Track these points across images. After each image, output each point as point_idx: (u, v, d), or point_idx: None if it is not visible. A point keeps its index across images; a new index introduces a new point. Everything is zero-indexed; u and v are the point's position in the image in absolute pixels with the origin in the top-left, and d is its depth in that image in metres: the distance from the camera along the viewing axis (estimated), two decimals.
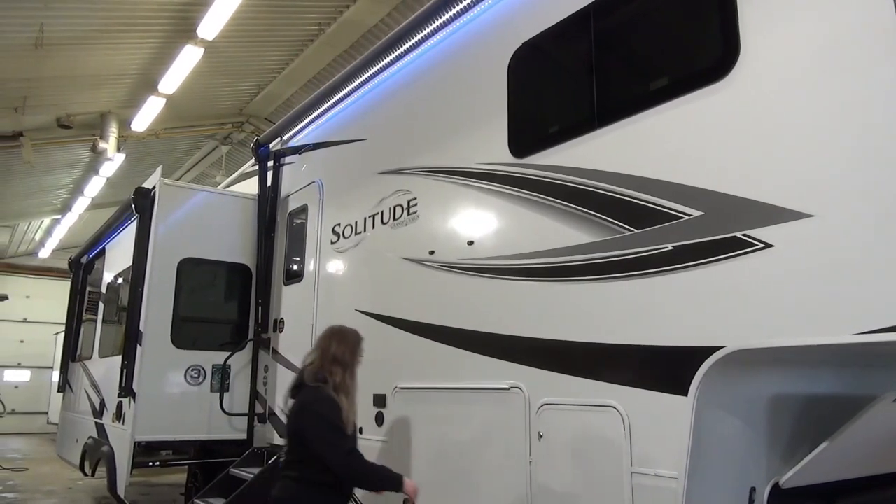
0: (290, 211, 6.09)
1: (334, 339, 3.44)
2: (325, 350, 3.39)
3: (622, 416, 2.87)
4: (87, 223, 16.09)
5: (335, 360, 3.34)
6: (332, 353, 3.36)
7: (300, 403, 3.31)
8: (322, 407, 3.21)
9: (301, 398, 3.33)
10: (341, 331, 3.52)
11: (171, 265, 6.00)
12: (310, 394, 3.29)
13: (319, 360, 3.36)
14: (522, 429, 3.34)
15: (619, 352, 2.95)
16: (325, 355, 3.37)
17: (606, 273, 3.05)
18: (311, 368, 3.37)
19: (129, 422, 5.66)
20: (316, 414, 3.20)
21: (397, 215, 4.57)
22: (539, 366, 3.33)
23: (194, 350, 6.00)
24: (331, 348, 3.38)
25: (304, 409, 3.25)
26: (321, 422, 3.17)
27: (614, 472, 2.87)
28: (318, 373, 3.31)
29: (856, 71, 2.34)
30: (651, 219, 2.88)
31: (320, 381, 3.28)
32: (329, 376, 3.29)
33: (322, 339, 3.49)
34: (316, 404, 3.22)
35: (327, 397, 3.24)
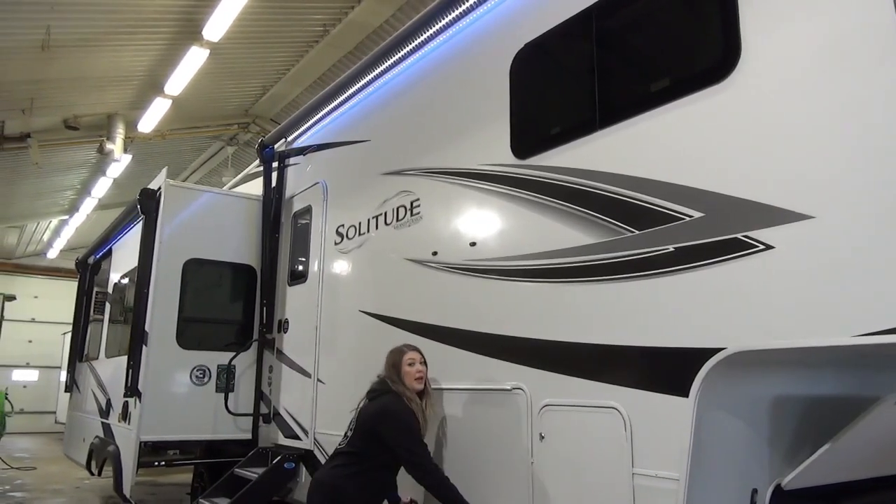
0: (294, 212, 6.10)
1: (386, 360, 3.86)
2: (385, 369, 3.83)
3: (623, 417, 2.87)
4: (94, 224, 16.18)
5: (391, 379, 3.74)
6: (388, 374, 3.78)
7: (383, 406, 3.61)
8: (402, 414, 3.56)
9: (382, 402, 3.64)
10: (390, 352, 3.87)
11: (176, 266, 6.03)
12: (389, 399, 3.64)
13: (388, 375, 3.79)
14: (524, 430, 3.35)
15: (620, 353, 2.95)
16: (386, 372, 3.82)
17: (608, 274, 3.05)
18: (386, 378, 3.79)
19: (134, 422, 5.69)
20: (397, 417, 3.54)
21: (400, 216, 4.58)
22: (541, 367, 3.34)
23: (199, 350, 6.01)
24: (385, 368, 3.82)
25: (386, 412, 3.57)
26: (403, 426, 3.51)
27: (615, 473, 2.87)
28: (392, 385, 3.70)
29: (856, 72, 2.34)
30: (652, 220, 2.88)
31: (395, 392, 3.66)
32: (398, 389, 3.67)
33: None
34: (394, 408, 3.58)
35: (405, 406, 3.60)
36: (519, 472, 3.34)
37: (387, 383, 3.73)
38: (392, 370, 3.77)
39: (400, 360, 3.77)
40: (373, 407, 3.68)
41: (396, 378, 3.72)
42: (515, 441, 3.40)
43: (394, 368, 3.76)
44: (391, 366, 3.79)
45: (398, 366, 3.76)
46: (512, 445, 3.41)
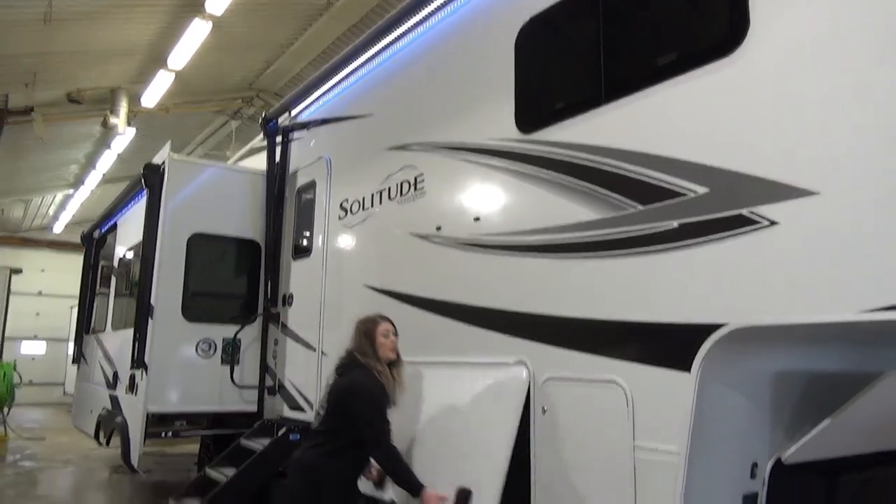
0: (298, 186, 6.09)
1: (355, 330, 3.72)
2: (353, 338, 3.69)
3: (625, 391, 2.89)
4: (99, 198, 16.20)
5: (361, 352, 3.61)
6: (358, 344, 3.65)
7: (350, 381, 3.53)
8: (368, 389, 3.46)
9: (348, 377, 3.56)
10: (359, 322, 3.75)
11: (181, 240, 6.04)
12: (358, 375, 3.53)
13: (356, 348, 3.65)
14: (527, 403, 3.37)
15: (623, 328, 2.96)
16: (354, 344, 3.67)
17: (612, 249, 3.04)
18: (354, 351, 3.64)
19: (141, 393, 5.75)
20: (368, 395, 3.44)
21: (404, 191, 4.57)
22: (544, 341, 3.35)
23: (205, 324, 6.06)
24: (354, 336, 3.69)
25: (350, 388, 3.48)
26: (371, 404, 3.42)
27: (617, 446, 2.90)
28: (361, 357, 3.59)
29: (865, 47, 2.31)
30: (657, 195, 2.87)
31: (364, 365, 3.55)
32: (367, 362, 3.56)
33: (353, 329, 3.77)
34: (363, 385, 3.47)
35: (375, 381, 3.51)
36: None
37: (355, 357, 3.61)
38: (364, 341, 3.63)
39: (374, 331, 3.65)
40: (342, 383, 3.58)
41: (369, 350, 3.60)
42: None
43: (367, 339, 3.63)
44: (363, 336, 3.65)
45: (372, 336, 3.63)
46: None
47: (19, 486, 8.38)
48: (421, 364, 4.21)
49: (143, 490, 8.04)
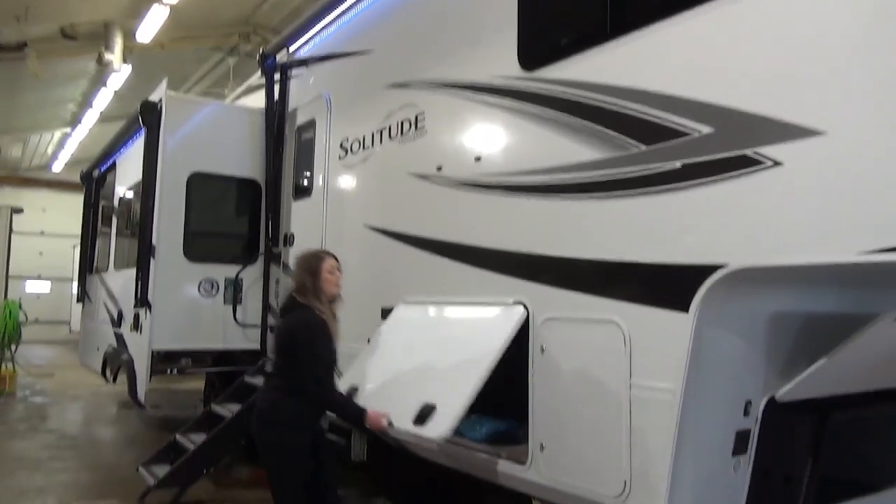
0: (298, 125, 6.02)
1: (297, 267, 3.65)
2: (295, 277, 3.63)
3: (623, 330, 2.92)
4: (97, 137, 15.99)
5: (304, 288, 3.53)
6: (300, 282, 3.57)
7: (289, 322, 3.52)
8: (308, 330, 3.42)
9: (290, 318, 3.54)
10: (302, 258, 3.68)
11: (180, 179, 6.02)
12: (298, 315, 3.50)
13: (294, 286, 3.60)
14: (525, 342, 3.41)
15: (623, 268, 2.96)
16: (296, 283, 3.60)
17: (614, 190, 3.02)
18: (294, 292, 3.59)
19: (146, 332, 5.83)
20: (302, 336, 3.41)
21: (405, 130, 4.51)
22: (543, 282, 3.36)
23: (207, 263, 6.10)
24: (296, 275, 3.61)
25: (292, 329, 3.47)
26: (305, 345, 3.39)
27: (613, 384, 2.94)
28: (300, 297, 3.53)
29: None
30: (661, 135, 2.83)
31: (304, 305, 3.50)
32: (308, 301, 3.50)
33: (294, 266, 3.71)
34: (303, 326, 3.45)
35: (315, 322, 3.46)
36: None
37: (294, 298, 3.56)
38: (308, 277, 3.54)
39: (319, 268, 3.56)
40: (284, 324, 3.57)
41: (311, 286, 3.51)
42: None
43: (311, 276, 3.53)
44: (307, 272, 3.55)
45: (317, 273, 3.54)
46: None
47: (30, 420, 8.61)
48: (418, 303, 4.25)
49: (150, 424, 8.26)
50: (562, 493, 3.20)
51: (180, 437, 5.30)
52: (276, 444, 3.43)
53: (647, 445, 2.81)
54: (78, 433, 8.01)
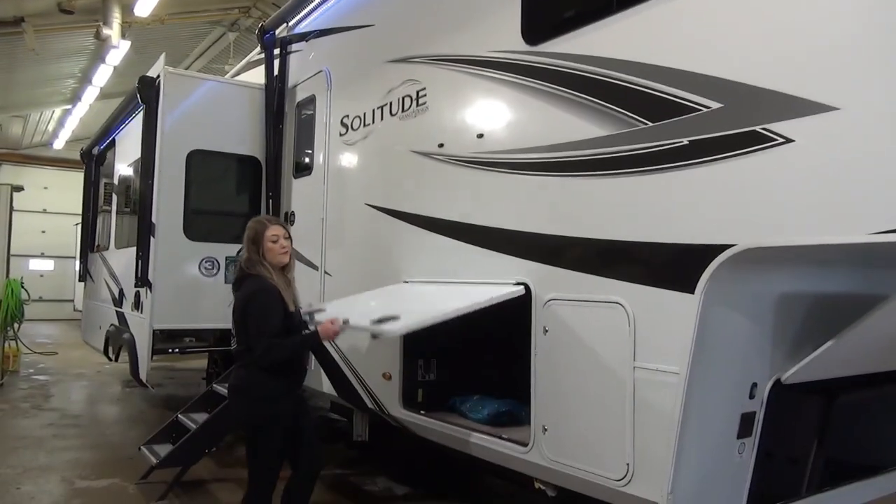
0: (298, 101, 5.92)
1: (244, 236, 3.60)
2: (244, 248, 3.58)
3: (627, 312, 2.86)
4: (98, 114, 15.90)
5: (250, 259, 3.51)
6: (243, 249, 3.58)
7: (242, 295, 3.49)
8: (256, 297, 3.38)
9: (243, 290, 3.49)
10: (247, 227, 3.63)
11: (179, 157, 5.94)
12: (247, 285, 3.46)
13: (244, 257, 3.57)
14: (528, 323, 3.37)
15: (628, 249, 2.90)
16: (244, 254, 3.57)
17: (619, 168, 2.95)
18: (241, 263, 3.59)
19: (147, 311, 5.80)
20: (251, 306, 3.38)
21: (406, 107, 4.42)
22: (547, 262, 3.31)
23: (207, 242, 6.05)
24: (243, 244, 3.59)
25: (243, 301, 3.44)
26: (254, 315, 3.37)
27: (617, 366, 2.90)
28: (250, 267, 3.50)
29: None
30: (668, 111, 2.74)
31: (253, 274, 3.47)
32: (256, 271, 3.46)
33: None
34: (251, 295, 3.40)
35: (263, 288, 3.41)
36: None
37: (243, 269, 3.51)
38: (251, 247, 3.48)
39: (261, 237, 3.48)
40: (237, 298, 3.51)
41: (256, 256, 3.47)
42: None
43: (253, 245, 3.48)
44: (250, 241, 3.50)
45: (259, 242, 3.47)
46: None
47: (34, 398, 8.64)
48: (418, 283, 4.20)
49: (153, 403, 8.29)
50: (564, 476, 3.17)
51: (182, 417, 5.30)
52: (251, 418, 3.43)
53: (651, 428, 2.77)
54: (81, 412, 8.03)
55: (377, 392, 4.56)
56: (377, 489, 5.34)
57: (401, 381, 4.34)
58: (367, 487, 5.37)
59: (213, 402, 5.30)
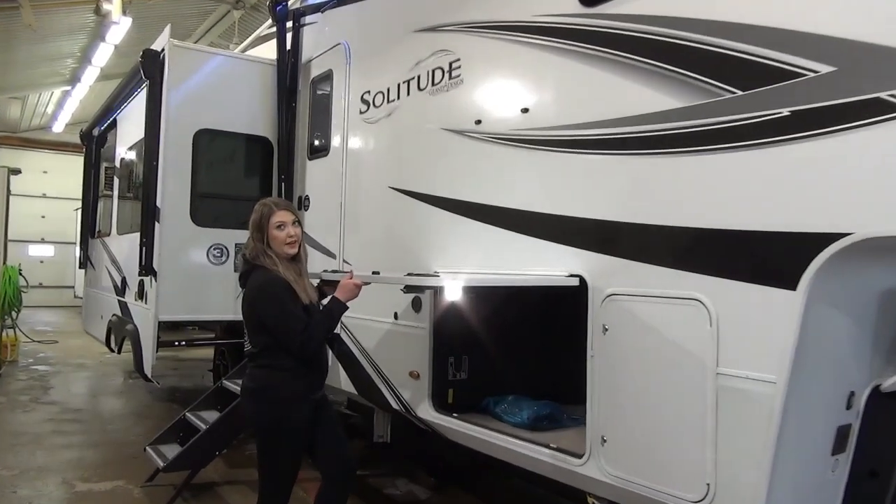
0: (313, 77, 5.53)
1: (250, 221, 3.21)
2: (249, 237, 3.21)
3: (709, 310, 2.49)
4: (98, 96, 15.45)
5: (255, 248, 3.14)
6: (249, 242, 3.19)
7: (249, 290, 3.10)
8: (264, 292, 3.02)
9: (250, 284, 3.11)
10: (253, 210, 3.24)
11: (186, 137, 5.57)
12: (257, 278, 3.08)
13: (250, 246, 3.19)
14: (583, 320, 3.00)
15: (709, 237, 2.52)
16: (249, 243, 3.20)
17: (700, 144, 2.56)
18: (246, 252, 3.20)
19: (151, 301, 5.44)
20: (261, 304, 3.04)
21: (436, 80, 4.02)
22: (606, 252, 2.93)
23: (215, 228, 5.69)
24: (248, 236, 3.20)
25: (250, 297, 3.08)
26: (271, 314, 3.01)
27: (694, 372, 2.53)
28: (255, 257, 3.12)
29: None
30: (762, 78, 2.36)
31: (261, 265, 3.09)
32: (262, 262, 3.09)
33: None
34: (259, 290, 3.04)
35: (271, 280, 3.03)
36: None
37: (248, 261, 3.13)
38: (255, 234, 3.11)
39: (266, 223, 3.10)
40: (245, 295, 3.13)
41: (260, 245, 3.09)
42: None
43: (258, 231, 3.10)
44: (254, 227, 3.12)
45: (263, 229, 3.09)
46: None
47: (32, 390, 8.30)
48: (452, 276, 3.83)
49: (158, 396, 7.95)
50: (626, 493, 2.81)
51: (190, 415, 4.95)
52: (267, 422, 3.09)
53: (736, 444, 2.41)
54: (82, 405, 7.68)
55: (403, 392, 4.20)
56: (398, 493, 5.00)
57: (430, 380, 3.98)
58: (387, 490, 5.03)
59: (224, 400, 4.95)
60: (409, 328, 4.14)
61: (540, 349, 4.30)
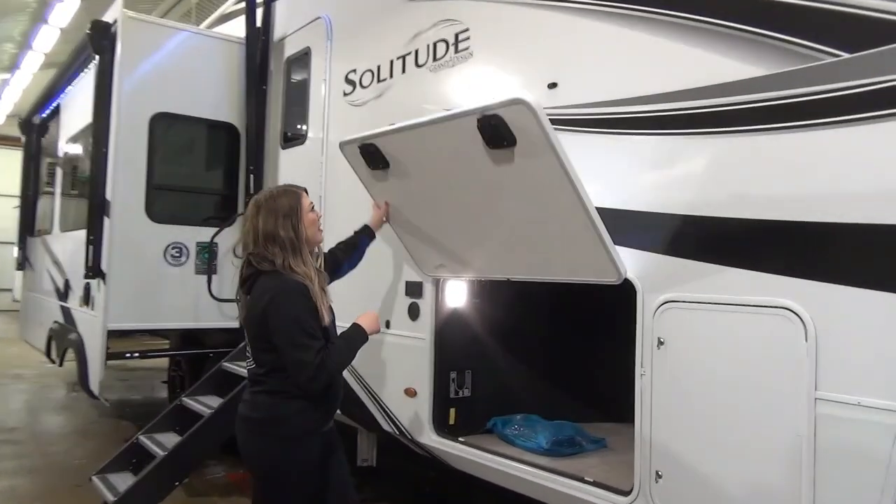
0: (287, 57, 4.96)
1: (261, 211, 2.52)
2: (254, 229, 2.50)
3: (804, 321, 2.03)
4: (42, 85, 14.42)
5: (270, 239, 2.46)
6: (262, 231, 2.48)
7: (260, 294, 2.42)
8: (290, 300, 2.37)
9: (261, 288, 2.43)
10: (268, 197, 2.56)
11: (141, 121, 4.92)
12: (273, 282, 2.42)
13: (253, 244, 2.50)
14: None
15: (804, 232, 2.06)
16: (256, 236, 2.49)
17: (786, 120, 2.11)
18: (254, 254, 2.48)
19: (99, 308, 4.78)
20: (284, 310, 2.36)
21: (439, 54, 3.51)
22: (661, 250, 2.46)
23: (174, 225, 5.06)
24: (259, 225, 2.49)
25: (267, 304, 2.38)
26: (287, 321, 2.36)
27: (784, 396, 2.07)
28: (263, 257, 2.45)
29: None
30: (876, 35, 1.91)
31: (272, 268, 2.43)
32: (273, 259, 2.43)
33: (248, 214, 2.58)
34: (286, 296, 2.38)
35: (295, 287, 2.40)
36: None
37: (263, 260, 2.45)
38: (285, 223, 2.46)
39: (298, 206, 2.50)
40: (253, 301, 2.46)
41: (293, 237, 2.45)
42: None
43: (288, 220, 2.46)
44: (284, 217, 2.47)
45: (296, 215, 2.47)
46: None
47: None
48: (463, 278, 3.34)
49: (105, 411, 7.17)
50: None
51: (144, 439, 4.29)
52: (279, 462, 2.45)
53: (847, 485, 1.95)
54: (17, 423, 6.85)
55: (397, 412, 3.67)
56: None
57: (431, 398, 3.46)
58: None
59: (183, 421, 4.32)
60: (405, 339, 3.62)
61: (551, 361, 3.85)
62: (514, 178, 2.58)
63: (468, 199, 2.91)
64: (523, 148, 2.44)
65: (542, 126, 2.31)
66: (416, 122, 2.85)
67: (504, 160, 2.54)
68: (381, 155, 3.12)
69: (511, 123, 2.40)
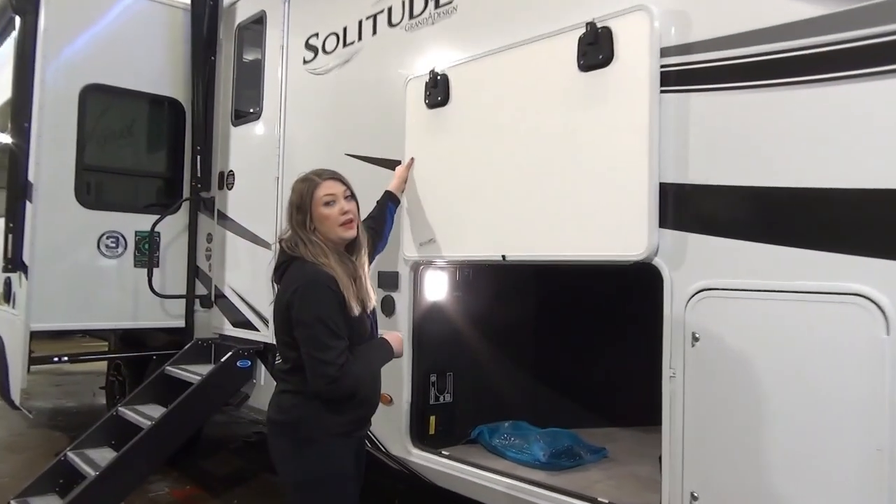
0: (239, 23, 4.48)
1: (290, 198, 2.32)
2: (287, 216, 2.32)
3: (883, 310, 1.67)
4: None
5: (291, 240, 2.27)
6: (287, 228, 2.32)
7: (284, 287, 2.21)
8: (303, 297, 2.12)
9: (286, 280, 2.21)
10: (295, 181, 2.33)
11: (70, 93, 4.39)
12: (297, 272, 2.18)
13: (288, 234, 2.32)
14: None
15: (886, 202, 1.70)
16: (289, 222, 2.30)
17: (843, 69, 1.75)
18: (285, 239, 2.31)
19: (20, 305, 4.21)
20: (305, 302, 2.11)
21: (416, 12, 3.09)
22: (692, 228, 2.08)
23: (109, 211, 4.54)
24: (287, 216, 2.32)
25: (290, 296, 2.14)
26: (308, 315, 2.10)
27: (859, 404, 1.71)
28: (294, 247, 2.24)
29: None
30: None
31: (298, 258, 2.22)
32: (302, 254, 2.21)
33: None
34: (308, 287, 2.13)
35: (318, 277, 2.13)
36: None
37: (284, 251, 2.28)
38: (297, 216, 2.26)
39: (310, 201, 2.25)
40: (278, 295, 2.25)
41: (303, 232, 2.23)
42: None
43: (299, 214, 2.26)
44: (295, 210, 2.28)
45: (307, 210, 2.24)
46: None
47: None
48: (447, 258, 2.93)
49: (34, 421, 6.49)
50: None
51: (72, 455, 3.74)
52: (307, 471, 2.15)
53: None
54: None
55: None
56: None
57: (409, 406, 3.04)
58: None
59: (120, 433, 3.79)
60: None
61: (540, 360, 3.47)
62: (589, 113, 2.32)
63: (524, 145, 2.54)
64: (617, 69, 2.22)
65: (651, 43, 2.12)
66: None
67: (590, 85, 2.30)
68: (447, 88, 2.82)
69: (618, 37, 2.22)
